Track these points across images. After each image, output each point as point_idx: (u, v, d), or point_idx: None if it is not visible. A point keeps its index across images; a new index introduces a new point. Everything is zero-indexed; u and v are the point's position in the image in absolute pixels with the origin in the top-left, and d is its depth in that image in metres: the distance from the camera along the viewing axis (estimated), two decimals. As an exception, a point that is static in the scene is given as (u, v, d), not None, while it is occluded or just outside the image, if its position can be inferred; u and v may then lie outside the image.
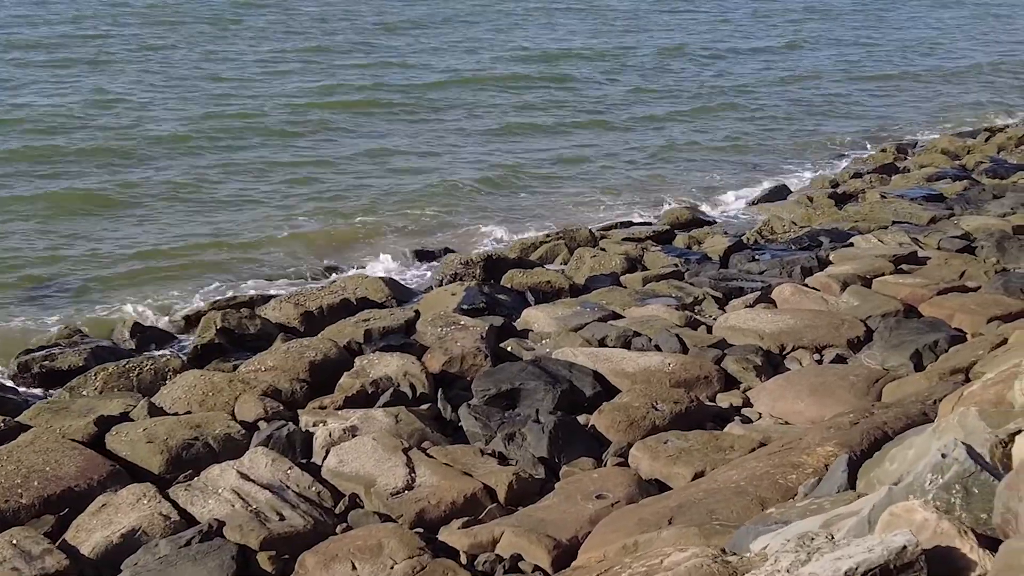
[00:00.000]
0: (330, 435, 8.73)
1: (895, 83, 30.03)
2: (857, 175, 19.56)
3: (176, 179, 17.92)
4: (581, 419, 9.23)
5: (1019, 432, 4.36)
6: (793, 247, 14.55)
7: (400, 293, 13.16)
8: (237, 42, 31.43)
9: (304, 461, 8.49)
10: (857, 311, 11.47)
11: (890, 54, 34.50)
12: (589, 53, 31.83)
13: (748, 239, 15.32)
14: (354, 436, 8.69)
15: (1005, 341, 9.14)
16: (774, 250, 14.44)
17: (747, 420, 9.35)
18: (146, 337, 11.92)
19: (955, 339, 10.36)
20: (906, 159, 21.23)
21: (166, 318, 12.65)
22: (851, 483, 5.84)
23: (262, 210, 16.72)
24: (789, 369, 10.36)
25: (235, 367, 10.54)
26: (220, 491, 7.80)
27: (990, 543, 3.61)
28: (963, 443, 3.82)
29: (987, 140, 22.23)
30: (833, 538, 3.70)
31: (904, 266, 13.05)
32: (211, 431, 8.77)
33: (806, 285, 12.55)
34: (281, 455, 8.36)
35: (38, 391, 10.61)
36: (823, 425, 7.51)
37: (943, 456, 3.77)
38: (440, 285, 13.49)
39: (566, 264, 14.41)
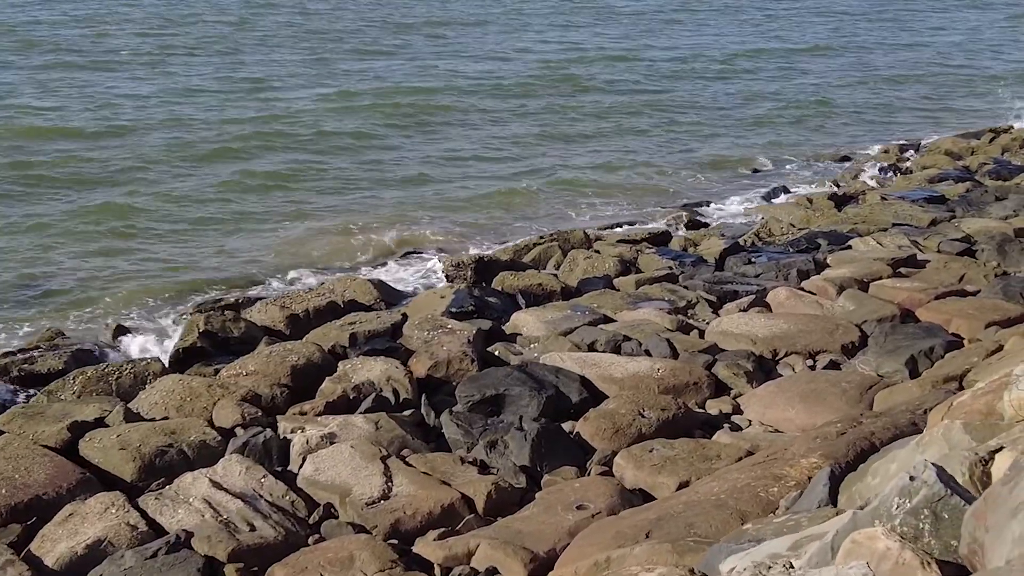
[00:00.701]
0: (307, 442, 8.53)
1: (904, 85, 29.73)
2: (858, 176, 19.32)
3: (168, 184, 17.71)
4: (567, 426, 9.01)
5: (1000, 450, 4.15)
6: (790, 249, 14.30)
7: (389, 295, 12.95)
8: (246, 47, 31.21)
9: (280, 469, 8.29)
10: (853, 315, 11.23)
11: (902, 57, 34.20)
12: (598, 57, 31.56)
13: (745, 241, 15.07)
14: (332, 443, 8.49)
15: (1001, 348, 8.90)
16: (771, 252, 14.20)
17: (737, 428, 9.14)
18: (129, 340, 11.73)
19: (952, 345, 10.11)
20: (909, 160, 20.96)
21: (151, 320, 12.44)
22: (832, 498, 5.63)
23: (255, 214, 16.51)
24: (782, 375, 10.14)
25: (217, 371, 10.35)
26: (191, 500, 7.60)
27: (959, 572, 3.40)
28: (933, 464, 3.59)
29: (991, 141, 21.92)
30: (792, 566, 3.49)
31: (902, 269, 12.79)
32: (186, 438, 8.57)
33: (802, 289, 12.31)
34: (256, 463, 8.17)
35: (16, 394, 10.41)
36: (809, 435, 7.29)
37: (911, 479, 3.54)
38: (430, 287, 13.29)
39: (559, 266, 14.18)
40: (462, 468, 8.19)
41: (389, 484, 7.83)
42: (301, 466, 8.26)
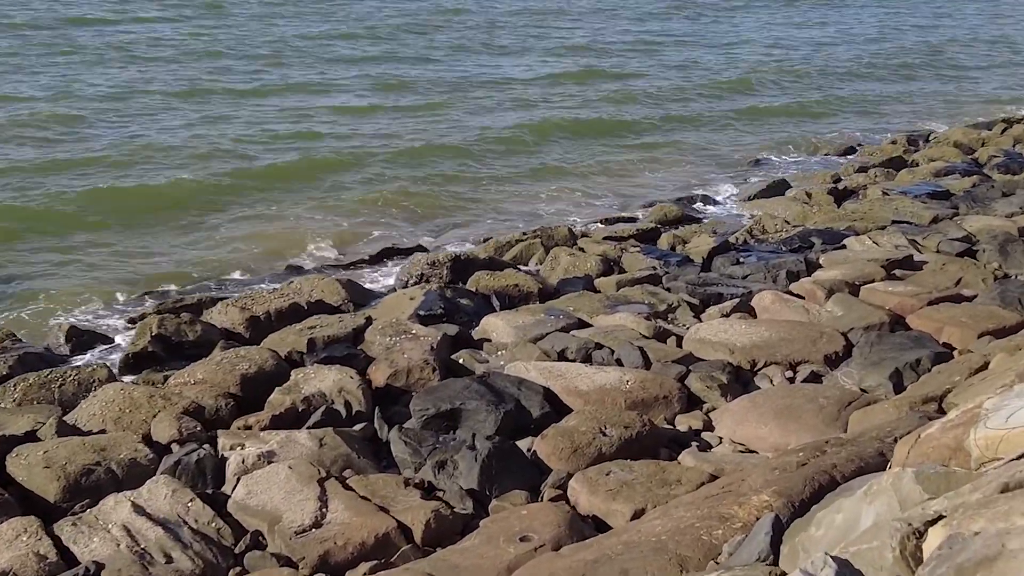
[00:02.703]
0: (243, 461, 8.02)
1: (917, 74, 28.98)
2: (862, 169, 18.64)
3: (142, 181, 17.22)
4: (527, 443, 8.47)
5: (939, 519, 3.60)
6: (783, 248, 13.70)
7: (359, 296, 12.40)
8: (233, 44, 30.75)
9: (212, 491, 7.76)
10: (840, 322, 10.64)
11: (916, 44, 33.42)
12: (599, 47, 30.96)
13: (736, 239, 14.45)
14: (270, 463, 7.98)
15: (987, 364, 8.29)
16: (761, 252, 13.58)
17: (706, 446, 8.58)
18: (83, 343, 11.23)
19: (941, 357, 9.50)
20: (916, 152, 20.24)
21: (108, 322, 11.94)
22: (775, 547, 5.08)
23: (223, 209, 15.97)
24: (760, 387, 9.58)
25: (167, 378, 9.83)
26: (110, 527, 7.10)
27: None
28: (833, 558, 3.05)
29: (1003, 132, 21.19)
30: None
31: (897, 272, 12.19)
32: (115, 455, 8.05)
33: (790, 292, 11.73)
34: (186, 485, 7.65)
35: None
36: (768, 465, 6.74)
37: (804, 579, 3.02)
38: (405, 287, 12.75)
39: (541, 264, 13.62)
40: (405, 492, 7.64)
41: (323, 510, 7.30)
42: (235, 488, 7.76)
